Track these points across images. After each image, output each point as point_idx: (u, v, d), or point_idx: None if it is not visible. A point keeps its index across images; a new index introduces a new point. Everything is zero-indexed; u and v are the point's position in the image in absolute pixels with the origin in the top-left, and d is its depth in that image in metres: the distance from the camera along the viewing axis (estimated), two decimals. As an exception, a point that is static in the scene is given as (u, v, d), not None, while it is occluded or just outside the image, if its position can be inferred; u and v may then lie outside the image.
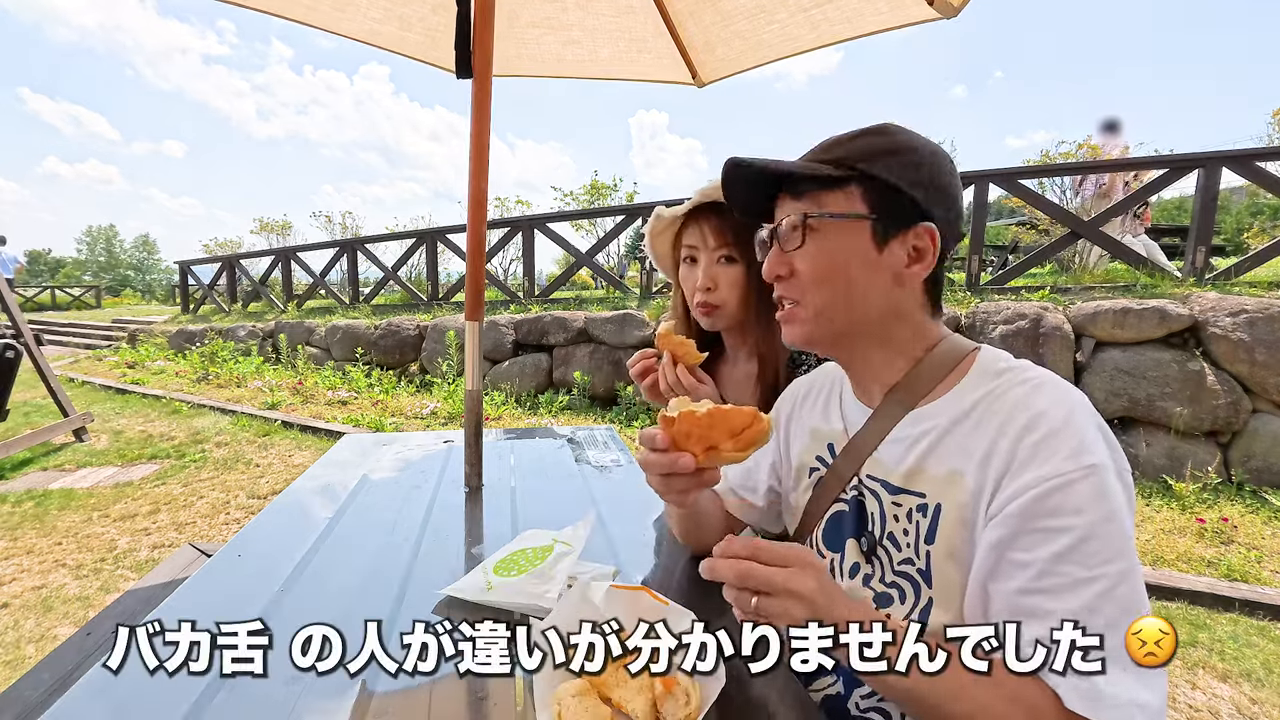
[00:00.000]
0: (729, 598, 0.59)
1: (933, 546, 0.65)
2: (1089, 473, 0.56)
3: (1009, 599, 0.58)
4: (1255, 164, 4.31)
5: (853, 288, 0.69)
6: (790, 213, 0.71)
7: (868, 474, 0.73)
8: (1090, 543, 0.55)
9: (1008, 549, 0.59)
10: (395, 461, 1.60)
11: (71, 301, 22.02)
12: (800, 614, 0.56)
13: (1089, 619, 0.54)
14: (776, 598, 0.56)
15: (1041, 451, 0.58)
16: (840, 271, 0.69)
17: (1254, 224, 8.20)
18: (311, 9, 1.52)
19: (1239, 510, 3.17)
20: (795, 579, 0.56)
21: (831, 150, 0.71)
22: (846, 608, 0.58)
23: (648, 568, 1.02)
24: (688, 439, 0.63)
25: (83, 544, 3.05)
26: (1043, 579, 0.56)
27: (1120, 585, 0.54)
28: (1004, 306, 4.15)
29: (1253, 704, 1.88)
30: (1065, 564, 0.55)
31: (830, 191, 0.69)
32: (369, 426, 5.12)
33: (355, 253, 8.85)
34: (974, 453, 0.63)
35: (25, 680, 1.18)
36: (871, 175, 0.67)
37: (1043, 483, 0.57)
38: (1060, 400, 0.61)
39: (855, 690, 0.72)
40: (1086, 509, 0.55)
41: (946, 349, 0.72)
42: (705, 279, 1.07)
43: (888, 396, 0.73)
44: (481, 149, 1.36)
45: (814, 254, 0.70)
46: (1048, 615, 0.56)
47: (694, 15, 1.69)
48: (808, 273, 0.70)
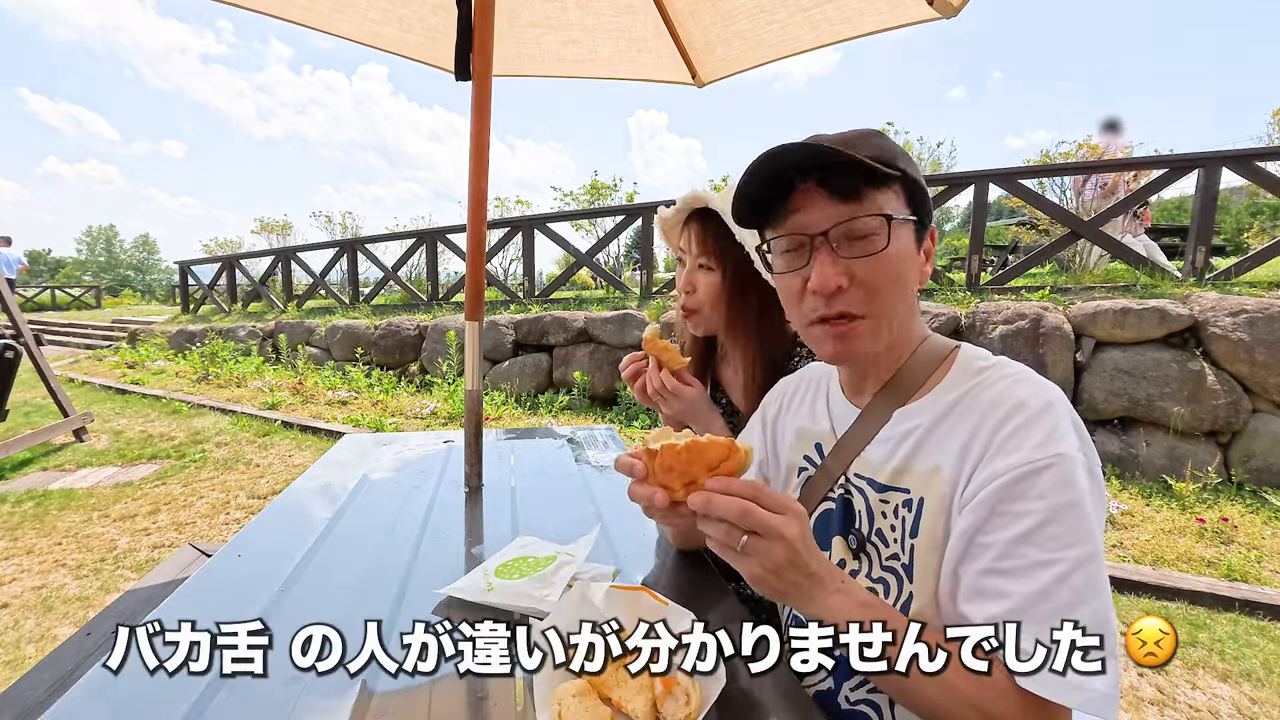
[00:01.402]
0: (715, 533, 0.59)
1: (916, 540, 0.66)
2: (1055, 461, 0.58)
3: (972, 580, 0.60)
4: (1255, 164, 4.31)
5: (909, 292, 0.69)
6: (840, 215, 0.65)
7: (855, 472, 0.74)
8: (1049, 527, 0.56)
9: (976, 533, 0.60)
10: (395, 461, 1.60)
11: (71, 301, 22.02)
12: (781, 556, 0.57)
13: (1043, 601, 0.55)
14: (765, 539, 0.57)
15: (1013, 440, 0.60)
16: (902, 274, 0.67)
17: (1254, 224, 8.19)
18: (310, 10, 1.52)
19: (1239, 510, 3.17)
20: (787, 525, 0.57)
21: (858, 147, 0.64)
22: (819, 561, 0.60)
23: (648, 568, 1.02)
24: (669, 473, 0.63)
25: (83, 544, 3.05)
26: (1002, 560, 0.58)
27: (1077, 571, 0.55)
28: (1004, 306, 4.15)
29: (1253, 704, 1.88)
30: (1024, 546, 0.57)
31: (881, 190, 0.65)
32: (369, 426, 5.12)
33: (355, 253, 8.85)
34: (954, 447, 0.64)
35: (25, 680, 1.18)
36: (912, 176, 0.67)
37: (1010, 470, 0.59)
38: (1037, 393, 0.63)
39: (844, 684, 0.73)
40: (1050, 495, 0.57)
41: (929, 348, 0.73)
42: (685, 282, 1.12)
43: (876, 396, 0.74)
44: (481, 149, 1.36)
45: (886, 259, 0.65)
46: (1005, 596, 0.57)
47: (694, 15, 1.69)
48: (877, 279, 0.65)
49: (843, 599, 0.60)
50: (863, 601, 0.60)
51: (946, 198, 5.24)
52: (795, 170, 0.66)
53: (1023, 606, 0.56)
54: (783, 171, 0.67)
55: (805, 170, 0.66)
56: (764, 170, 0.66)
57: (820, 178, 0.65)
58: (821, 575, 0.59)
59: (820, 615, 0.59)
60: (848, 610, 0.59)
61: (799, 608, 0.61)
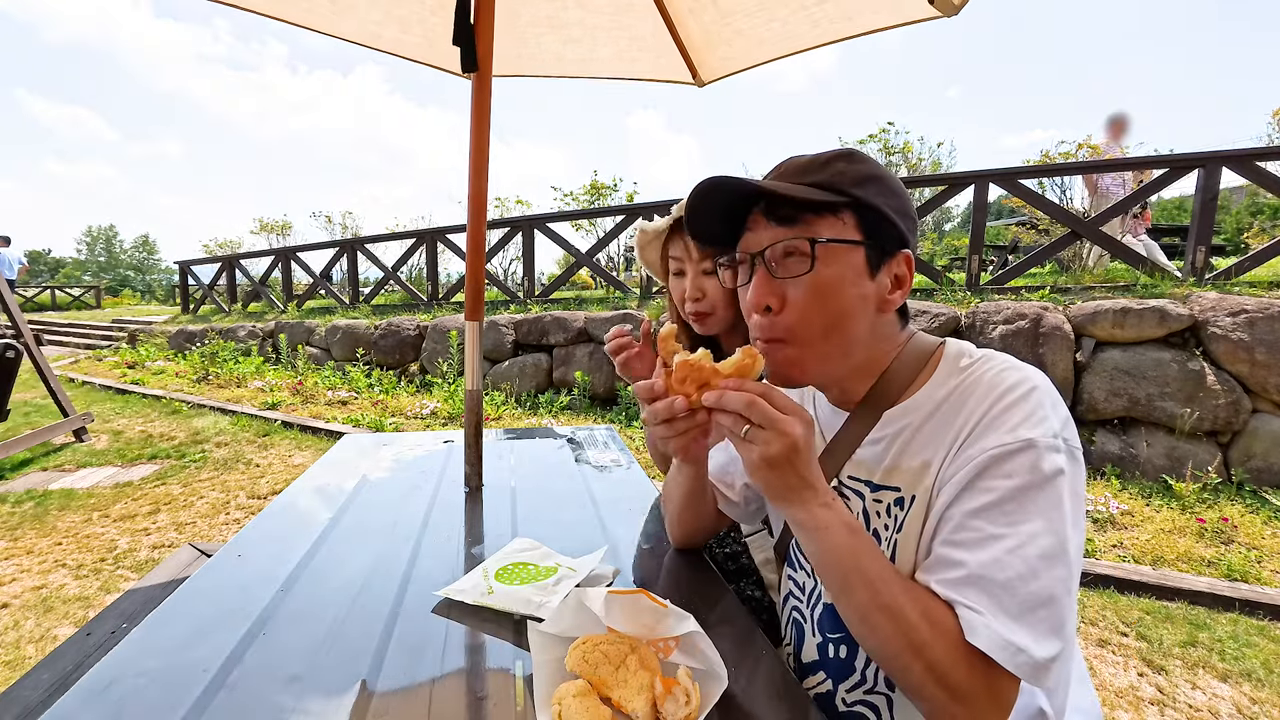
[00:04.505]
0: (724, 421, 0.63)
1: (900, 535, 0.68)
2: (1027, 445, 0.59)
3: (934, 551, 0.63)
4: (1255, 164, 4.31)
5: (847, 318, 0.68)
6: (779, 238, 0.67)
7: (848, 475, 0.75)
8: (1007, 504, 0.58)
9: (946, 509, 0.63)
10: (395, 462, 1.60)
11: (71, 301, 22.01)
12: (779, 450, 0.60)
13: (994, 571, 0.56)
14: (768, 430, 0.60)
15: (993, 424, 0.62)
16: (836, 300, 0.67)
17: (1254, 224, 8.20)
18: (311, 12, 1.52)
19: (1239, 510, 3.16)
20: (791, 423, 0.60)
21: (810, 174, 0.68)
22: (816, 473, 0.63)
23: (647, 568, 1.02)
24: (683, 383, 0.66)
25: (83, 544, 3.05)
26: (957, 531, 0.60)
27: (1028, 545, 0.56)
28: (1004, 306, 4.15)
29: (1253, 704, 1.88)
30: (978, 519, 0.59)
31: (823, 217, 0.67)
32: (369, 426, 5.12)
33: (355, 253, 8.85)
34: (943, 442, 0.65)
35: (25, 680, 1.17)
36: (866, 202, 0.67)
37: (985, 452, 0.60)
38: (1022, 380, 0.64)
39: (841, 686, 0.73)
40: (1015, 475, 0.59)
41: (913, 350, 0.73)
42: (693, 289, 1.13)
43: (863, 401, 0.74)
44: (481, 149, 1.36)
45: (813, 281, 0.66)
46: (958, 565, 0.59)
47: (694, 13, 1.69)
48: (804, 302, 0.67)
49: (830, 513, 0.62)
50: (848, 522, 0.63)
51: (946, 198, 5.24)
52: (741, 198, 0.70)
53: (975, 575, 0.57)
54: (734, 202, 0.71)
55: (752, 199, 0.70)
56: (716, 202, 0.70)
57: (765, 205, 0.69)
58: (815, 484, 0.62)
59: (806, 521, 0.62)
60: (833, 524, 0.62)
61: (788, 511, 0.64)
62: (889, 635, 0.58)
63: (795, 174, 0.69)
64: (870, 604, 0.60)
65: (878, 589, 0.59)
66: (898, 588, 0.60)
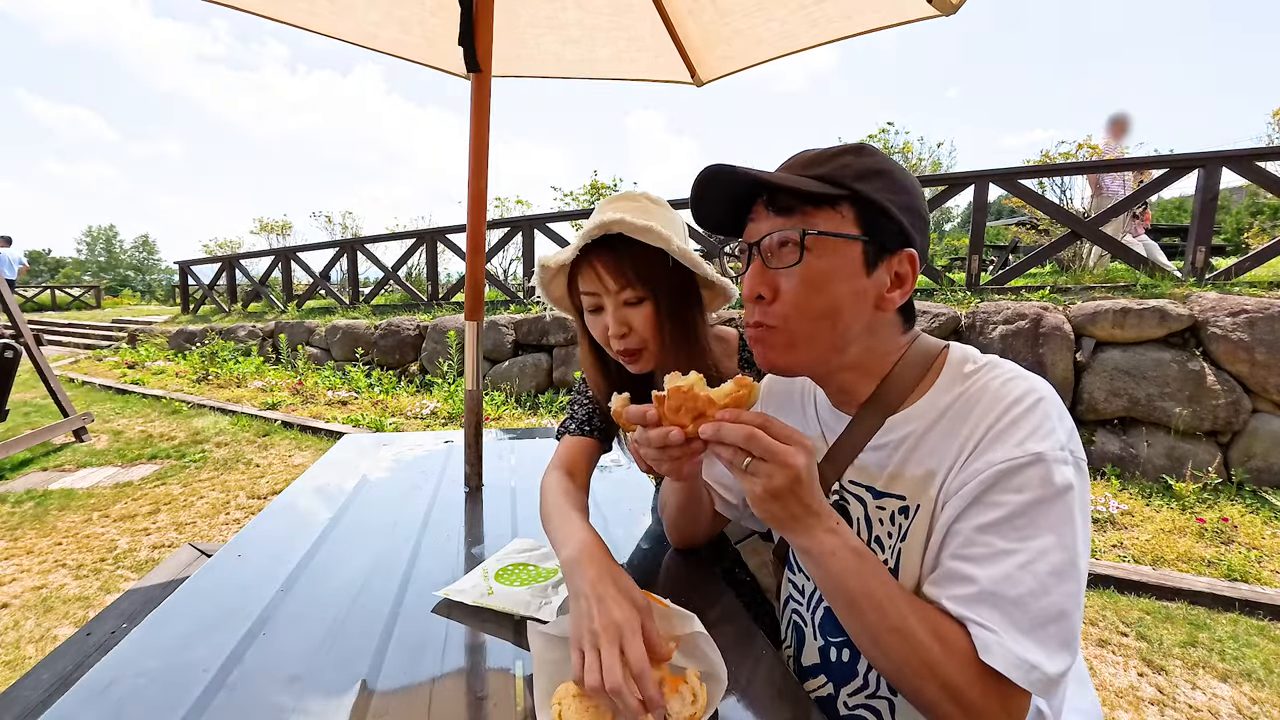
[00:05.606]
0: (722, 454, 0.62)
1: (904, 544, 0.67)
2: (1036, 459, 0.58)
3: (943, 564, 0.62)
4: (1255, 164, 4.31)
5: (838, 312, 0.67)
6: (776, 229, 0.68)
7: (850, 479, 0.74)
8: (1018, 519, 0.58)
9: (953, 522, 0.62)
10: (395, 462, 1.60)
11: (71, 301, 22.00)
12: (782, 482, 0.59)
13: (1006, 587, 0.56)
14: (770, 463, 0.59)
15: (1000, 437, 0.61)
16: (828, 293, 0.66)
17: (1254, 224, 8.19)
18: (312, 14, 1.52)
19: (1239, 510, 3.17)
20: (793, 454, 0.59)
21: (815, 166, 0.68)
22: (820, 499, 0.62)
23: (648, 569, 1.02)
24: (678, 412, 0.65)
25: (83, 544, 3.05)
26: (967, 546, 0.60)
27: (1040, 561, 0.56)
28: (1004, 306, 4.15)
29: (1253, 704, 1.88)
30: (988, 534, 0.59)
31: (821, 210, 0.66)
32: (369, 426, 5.12)
33: (355, 253, 8.84)
34: (948, 452, 0.65)
35: (25, 680, 1.17)
36: (866, 196, 0.66)
37: (992, 466, 0.60)
38: (1029, 391, 0.63)
39: (843, 689, 0.73)
40: (1026, 490, 0.58)
41: (916, 353, 0.72)
42: (616, 325, 0.97)
43: (864, 406, 0.73)
44: (481, 149, 1.36)
45: (804, 273, 0.66)
46: (969, 581, 0.59)
47: (693, 13, 1.69)
48: (794, 293, 0.67)
49: (836, 539, 0.62)
50: (853, 546, 0.62)
51: (946, 198, 5.23)
52: (745, 188, 0.70)
53: (987, 591, 0.57)
54: (738, 191, 0.71)
55: (757, 188, 0.70)
56: (719, 191, 0.71)
57: (768, 196, 0.70)
58: (820, 511, 0.62)
59: (812, 548, 0.62)
60: (839, 550, 0.61)
61: (793, 539, 0.63)
62: (902, 657, 0.58)
63: (801, 166, 0.70)
64: (880, 626, 0.59)
65: (886, 611, 0.59)
66: (907, 608, 0.59)
